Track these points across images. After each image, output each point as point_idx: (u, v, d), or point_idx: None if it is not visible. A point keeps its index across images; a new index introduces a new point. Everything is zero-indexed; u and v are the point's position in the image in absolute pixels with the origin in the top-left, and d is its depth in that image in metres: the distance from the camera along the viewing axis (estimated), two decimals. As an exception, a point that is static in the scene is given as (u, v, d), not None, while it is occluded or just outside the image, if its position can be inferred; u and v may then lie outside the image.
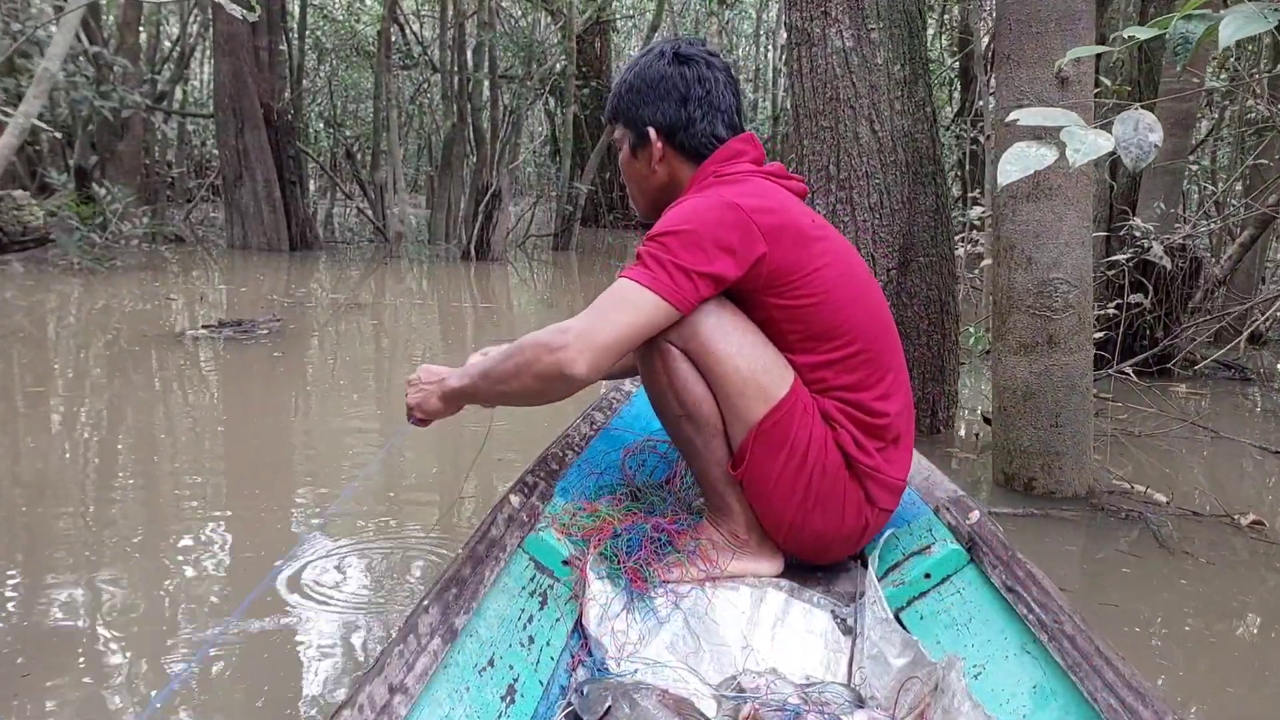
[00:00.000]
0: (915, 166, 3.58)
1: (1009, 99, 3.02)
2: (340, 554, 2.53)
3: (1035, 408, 3.07)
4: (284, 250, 11.46)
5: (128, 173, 11.36)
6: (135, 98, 10.83)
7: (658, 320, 1.42)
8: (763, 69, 20.57)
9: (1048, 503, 3.06)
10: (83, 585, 2.28)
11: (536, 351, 1.40)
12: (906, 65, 3.52)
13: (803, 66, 3.56)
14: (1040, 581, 1.36)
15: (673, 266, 1.40)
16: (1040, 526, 2.95)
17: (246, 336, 5.52)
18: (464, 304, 8.09)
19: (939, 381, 3.77)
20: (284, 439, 3.73)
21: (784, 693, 1.27)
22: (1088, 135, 1.58)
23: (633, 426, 2.06)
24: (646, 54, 1.64)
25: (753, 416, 1.47)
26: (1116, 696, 1.09)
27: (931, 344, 3.71)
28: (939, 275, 3.68)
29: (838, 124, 3.50)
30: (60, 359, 4.97)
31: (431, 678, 1.13)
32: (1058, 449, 3.07)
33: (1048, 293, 3.01)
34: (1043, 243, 3.00)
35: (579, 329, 1.39)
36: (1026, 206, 3.01)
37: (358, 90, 16.70)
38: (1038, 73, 2.95)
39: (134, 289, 7.45)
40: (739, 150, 1.59)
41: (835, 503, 1.52)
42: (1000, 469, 3.21)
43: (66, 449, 3.43)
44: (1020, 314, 3.07)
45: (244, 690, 1.84)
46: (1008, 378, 3.12)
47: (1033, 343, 3.06)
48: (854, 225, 3.54)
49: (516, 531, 1.51)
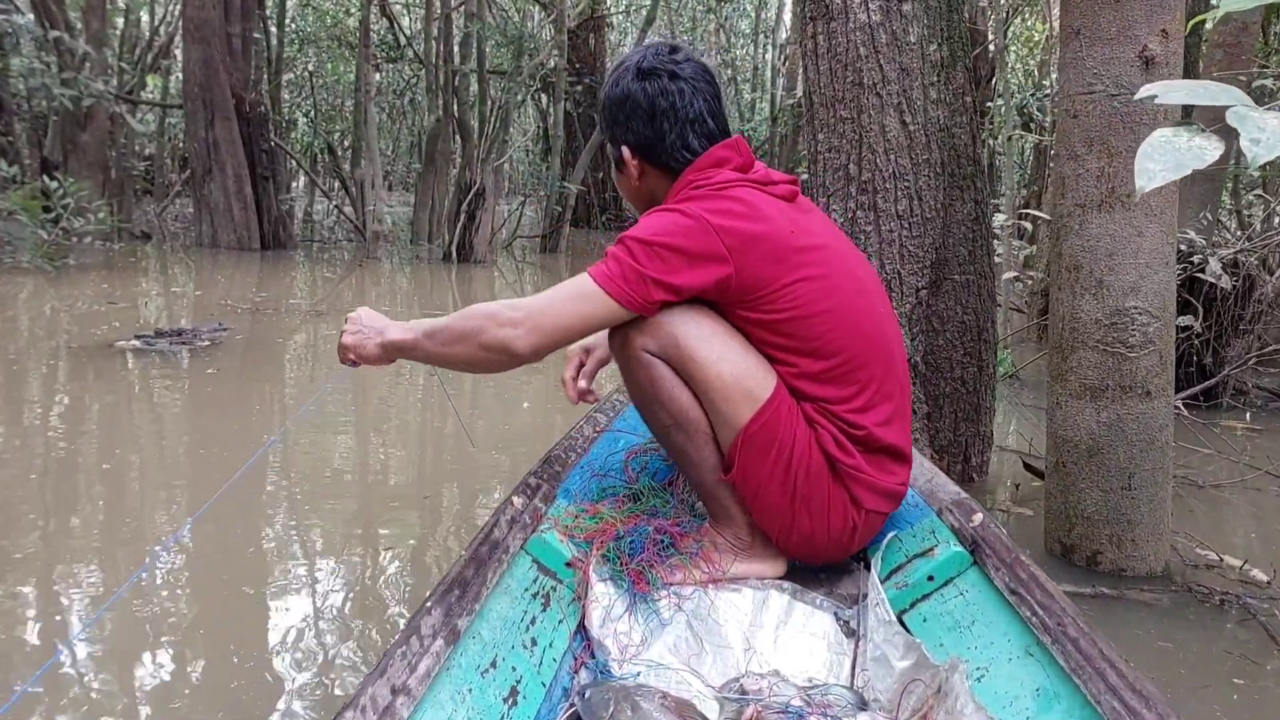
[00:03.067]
0: (952, 167, 2.99)
1: (1078, 83, 2.44)
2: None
3: (1103, 465, 2.49)
4: (255, 249, 10.83)
5: (91, 165, 10.72)
6: (98, 86, 10.20)
7: (606, 318, 1.45)
8: (761, 68, 20.06)
9: (1119, 581, 2.49)
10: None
11: (485, 322, 1.44)
12: (944, 44, 2.93)
13: (818, 46, 2.97)
14: (1043, 584, 1.35)
15: (631, 270, 1.42)
16: (1110, 611, 2.38)
17: (184, 348, 4.91)
18: (442, 311, 7.49)
19: (974, 421, 3.18)
20: (167, 468, 3.14)
21: (786, 695, 1.28)
22: (1269, 122, 1.03)
23: (636, 428, 2.01)
24: (613, 72, 1.63)
25: (739, 420, 1.47)
26: (1120, 700, 1.08)
27: (966, 378, 3.13)
28: (976, 297, 3.09)
29: (860, 115, 2.91)
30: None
31: (434, 679, 1.13)
32: (1130, 516, 2.49)
33: (1122, 325, 2.43)
34: (1117, 263, 2.42)
35: (531, 310, 1.42)
36: (1098, 218, 2.43)
37: (343, 84, 16.07)
38: (1116, 51, 2.37)
39: (85, 290, 6.85)
40: (721, 158, 1.56)
41: (820, 504, 1.51)
42: (1056, 537, 2.63)
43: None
44: (1087, 350, 2.49)
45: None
46: (1069, 428, 2.54)
47: (1101, 386, 2.47)
48: (877, 236, 2.96)
49: (519, 533, 1.50)
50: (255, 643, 2.12)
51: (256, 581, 2.42)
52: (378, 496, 3.12)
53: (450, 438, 3.85)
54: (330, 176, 15.89)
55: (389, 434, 3.84)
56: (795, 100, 15.83)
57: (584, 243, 14.27)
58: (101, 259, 8.91)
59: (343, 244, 12.36)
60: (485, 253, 10.71)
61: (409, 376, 4.73)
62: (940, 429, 3.16)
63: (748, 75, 20.36)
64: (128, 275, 8.01)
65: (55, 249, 7.98)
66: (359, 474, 3.40)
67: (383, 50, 14.64)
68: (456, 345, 1.47)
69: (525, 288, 9.71)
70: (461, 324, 1.47)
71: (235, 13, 11.12)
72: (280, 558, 2.57)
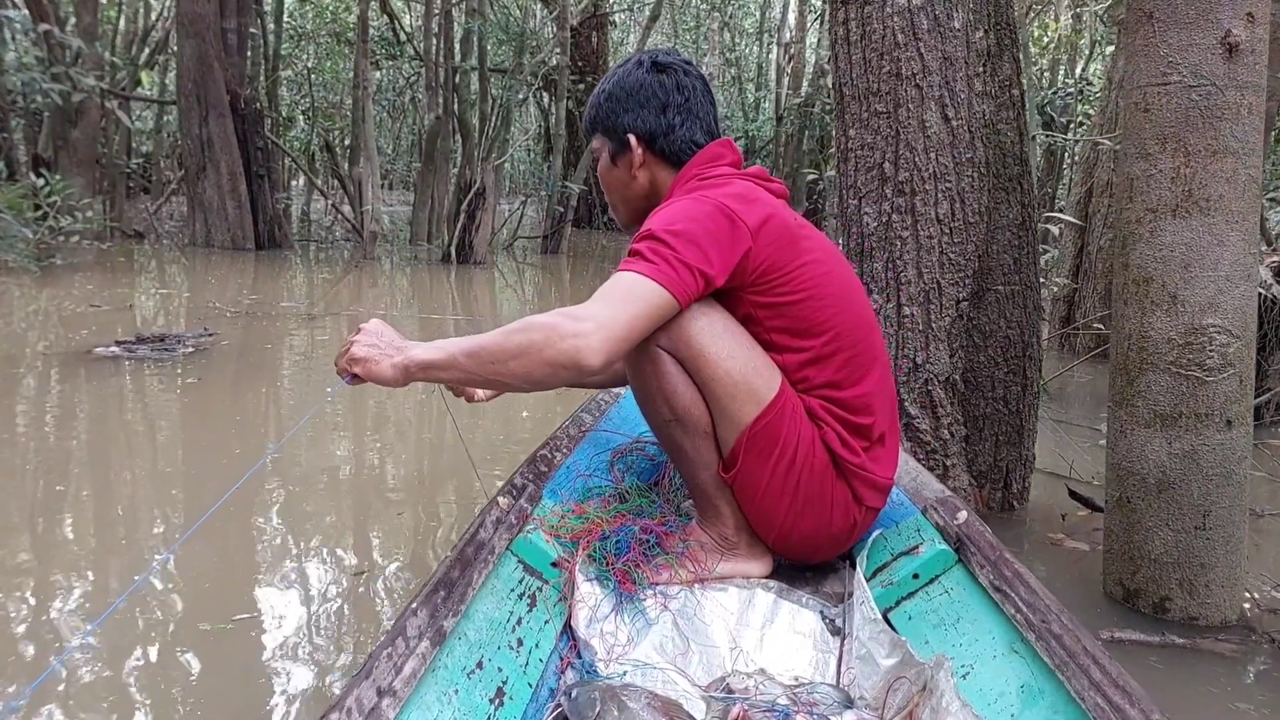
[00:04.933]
0: (997, 166, 2.73)
1: (1150, 73, 2.17)
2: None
3: (1174, 502, 2.23)
4: (249, 249, 10.57)
5: (82, 163, 10.43)
6: (89, 81, 9.92)
7: (663, 312, 1.40)
8: (765, 67, 19.81)
9: (1191, 630, 2.22)
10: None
11: (548, 335, 1.32)
12: (990, 31, 2.66)
13: (851, 33, 2.70)
14: (1028, 581, 1.35)
15: (674, 260, 1.38)
16: (1180, 663, 2.12)
17: (164, 356, 4.64)
18: (439, 315, 7.21)
19: (1016, 445, 2.92)
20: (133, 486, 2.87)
21: (773, 693, 1.28)
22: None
23: (621, 428, 2.03)
24: (624, 64, 1.66)
25: (744, 419, 1.46)
26: (1103, 695, 1.09)
27: (1010, 398, 2.86)
28: (1021, 310, 2.83)
29: (898, 109, 2.64)
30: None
31: (420, 680, 1.12)
32: (1204, 559, 2.23)
33: (1199, 345, 2.16)
34: (1194, 275, 2.15)
35: (600, 318, 1.33)
36: (1172, 225, 2.17)
37: (342, 81, 15.80)
38: (1194, 36, 2.10)
39: (71, 291, 6.59)
40: (718, 154, 1.61)
41: (824, 502, 1.52)
42: (1118, 580, 2.36)
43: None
44: (1157, 373, 2.22)
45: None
46: (1135, 459, 2.27)
47: (1174, 413, 2.21)
48: (914, 242, 2.69)
49: (505, 534, 1.49)
50: (246, 649, 2.07)
51: (244, 590, 2.28)
52: (370, 503, 2.88)
53: (449, 448, 3.59)
54: (329, 175, 15.61)
55: (385, 440, 3.58)
56: (801, 100, 15.60)
57: (586, 243, 14.00)
58: (91, 259, 8.64)
59: (340, 244, 12.09)
60: (485, 253, 10.44)
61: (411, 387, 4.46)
62: (979, 453, 2.90)
63: (752, 75, 20.12)
64: (116, 276, 7.74)
65: (42, 249, 7.71)
66: (352, 481, 3.18)
67: (382, 47, 14.38)
68: (512, 362, 1.34)
69: (526, 289, 9.45)
70: (519, 338, 1.33)
71: (230, 7, 10.86)
72: (269, 565, 2.41)
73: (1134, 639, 2.21)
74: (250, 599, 2.30)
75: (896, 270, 2.72)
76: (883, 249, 2.73)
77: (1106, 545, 2.41)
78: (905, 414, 2.77)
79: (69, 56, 10.01)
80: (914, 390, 2.76)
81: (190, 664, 1.99)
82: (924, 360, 2.74)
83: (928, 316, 2.71)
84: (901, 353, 2.75)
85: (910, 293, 2.71)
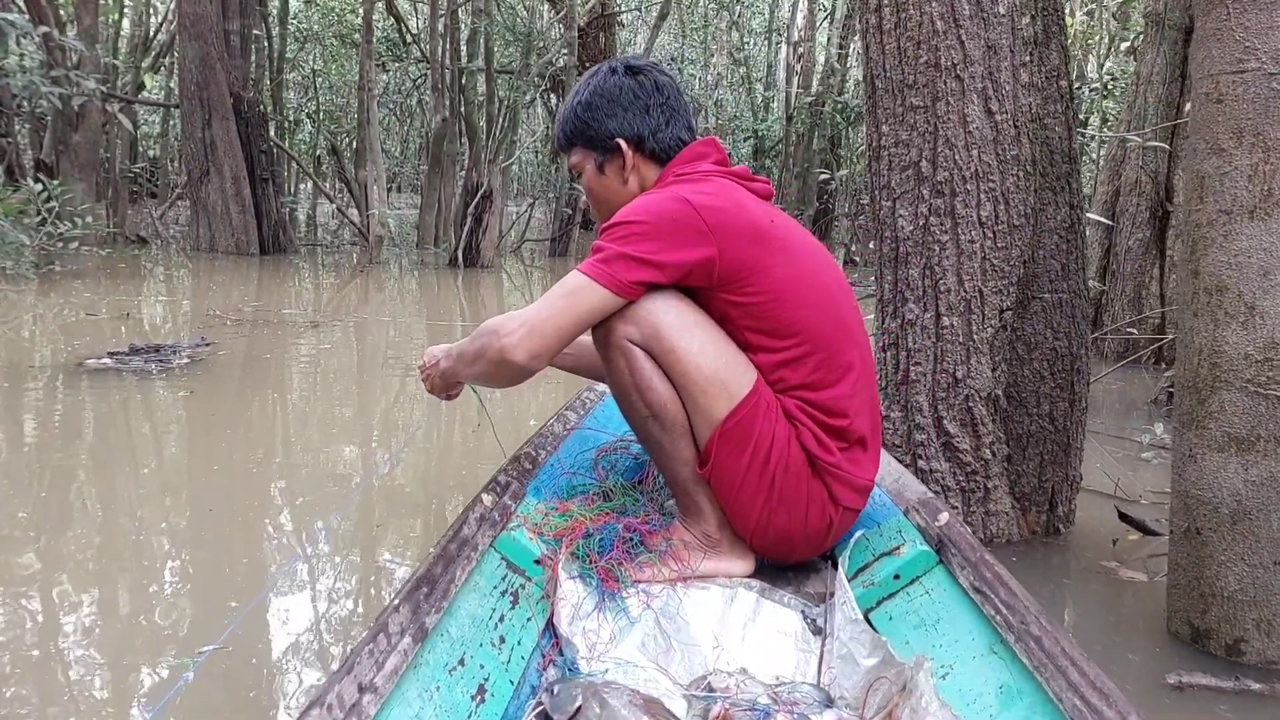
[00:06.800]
0: (1044, 164, 2.52)
1: (1223, 59, 1.96)
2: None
3: (1250, 534, 2.01)
4: (253, 254, 10.41)
5: (84, 167, 10.29)
6: (90, 84, 9.77)
7: (598, 306, 1.43)
8: (774, 66, 19.60)
9: (1268, 675, 2.01)
10: None
11: (489, 338, 1.45)
12: (1038, 17, 2.45)
13: (883, 20, 2.50)
14: (1008, 583, 1.34)
15: (616, 254, 1.42)
16: (1258, 712, 1.91)
17: (159, 367, 4.46)
18: (447, 320, 7.02)
19: (1062, 465, 2.70)
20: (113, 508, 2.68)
21: (754, 692, 1.28)
22: None
23: (606, 426, 2.03)
24: (594, 74, 1.66)
25: (717, 414, 1.47)
26: (1081, 697, 1.09)
27: (1056, 414, 2.65)
28: (1069, 319, 2.61)
29: (936, 102, 2.43)
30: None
31: (401, 677, 1.12)
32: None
33: (1279, 361, 1.95)
34: (1274, 284, 1.94)
35: (525, 317, 1.43)
36: (1249, 228, 1.95)
37: (348, 83, 15.65)
38: (1276, 18, 1.89)
39: (68, 299, 6.43)
40: (701, 153, 1.62)
41: (799, 501, 1.52)
42: (1185, 618, 2.15)
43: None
44: (1232, 392, 2.01)
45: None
46: (1207, 487, 2.06)
47: (1251, 436, 1.99)
48: (955, 247, 2.48)
49: (488, 531, 1.48)
50: (249, 647, 2.07)
51: (251, 584, 2.12)
52: (381, 504, 2.70)
53: (458, 443, 3.40)
54: (335, 179, 15.47)
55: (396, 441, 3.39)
56: (811, 99, 15.37)
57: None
58: (92, 265, 8.49)
59: (346, 248, 11.94)
60: (492, 257, 10.26)
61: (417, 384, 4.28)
62: (1023, 474, 2.68)
63: (761, 74, 19.90)
64: (116, 283, 7.59)
65: (41, 255, 7.55)
66: (364, 481, 3.06)
67: (388, 49, 14.22)
68: (474, 364, 1.51)
69: (534, 292, 9.26)
70: (473, 342, 1.50)
71: (233, 9, 10.72)
72: (274, 563, 2.20)
73: (1204, 684, 2.00)
74: (250, 597, 2.11)
75: (934, 277, 2.51)
76: (919, 254, 2.53)
77: (1172, 579, 2.20)
78: (944, 432, 2.56)
79: (70, 60, 9.85)
80: (953, 407, 2.55)
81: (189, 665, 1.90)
82: (964, 375, 2.53)
83: (969, 327, 2.50)
84: (940, 366, 2.54)
85: (950, 301, 2.50)
